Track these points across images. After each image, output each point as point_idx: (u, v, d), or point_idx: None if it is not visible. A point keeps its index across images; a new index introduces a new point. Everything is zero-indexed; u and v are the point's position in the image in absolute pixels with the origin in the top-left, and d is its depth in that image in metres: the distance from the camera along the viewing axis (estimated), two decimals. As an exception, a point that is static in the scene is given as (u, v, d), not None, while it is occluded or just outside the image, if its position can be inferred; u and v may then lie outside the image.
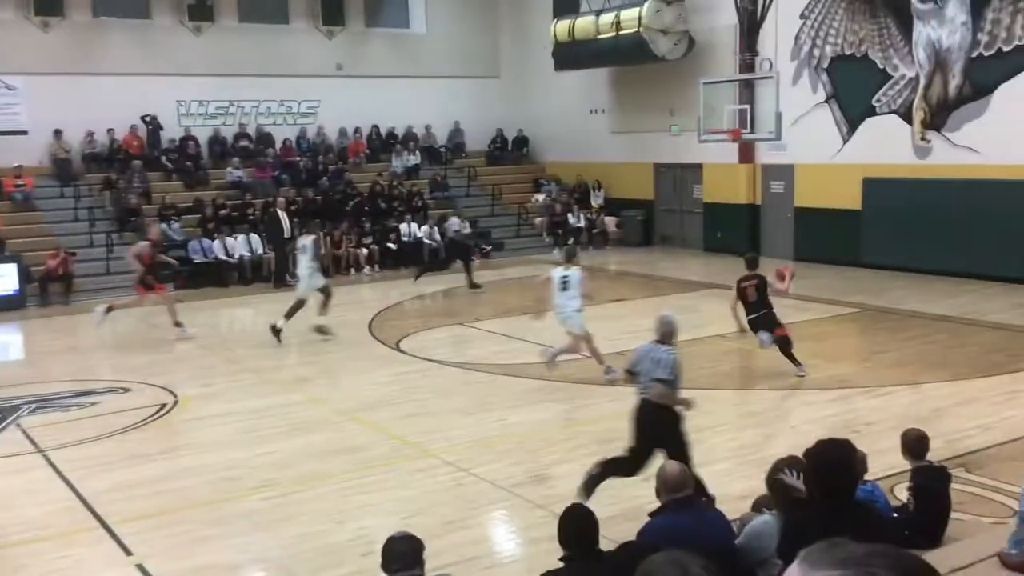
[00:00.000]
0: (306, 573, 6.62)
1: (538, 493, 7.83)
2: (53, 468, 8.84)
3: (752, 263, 11.61)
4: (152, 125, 23.22)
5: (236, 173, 23.05)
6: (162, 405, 10.98)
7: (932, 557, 4.43)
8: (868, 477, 5.81)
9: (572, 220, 24.56)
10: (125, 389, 11.78)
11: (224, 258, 20.60)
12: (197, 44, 23.48)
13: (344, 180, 24.01)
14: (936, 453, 6.81)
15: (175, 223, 20.82)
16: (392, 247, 22.23)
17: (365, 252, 21.76)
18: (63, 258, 18.74)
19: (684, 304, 15.37)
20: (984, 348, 12.63)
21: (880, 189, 18.93)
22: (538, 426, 9.85)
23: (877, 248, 19.01)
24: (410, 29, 27.01)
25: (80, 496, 8.10)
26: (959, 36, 17.54)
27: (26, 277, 18.38)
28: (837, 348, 13.34)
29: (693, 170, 23.24)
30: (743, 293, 11.34)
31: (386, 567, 4.65)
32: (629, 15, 21.92)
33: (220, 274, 20.30)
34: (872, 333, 14.24)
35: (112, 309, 15.01)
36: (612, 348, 11.63)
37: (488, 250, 22.80)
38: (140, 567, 6.75)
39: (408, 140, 26.23)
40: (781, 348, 11.26)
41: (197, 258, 20.19)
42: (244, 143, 24.09)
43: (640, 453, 6.98)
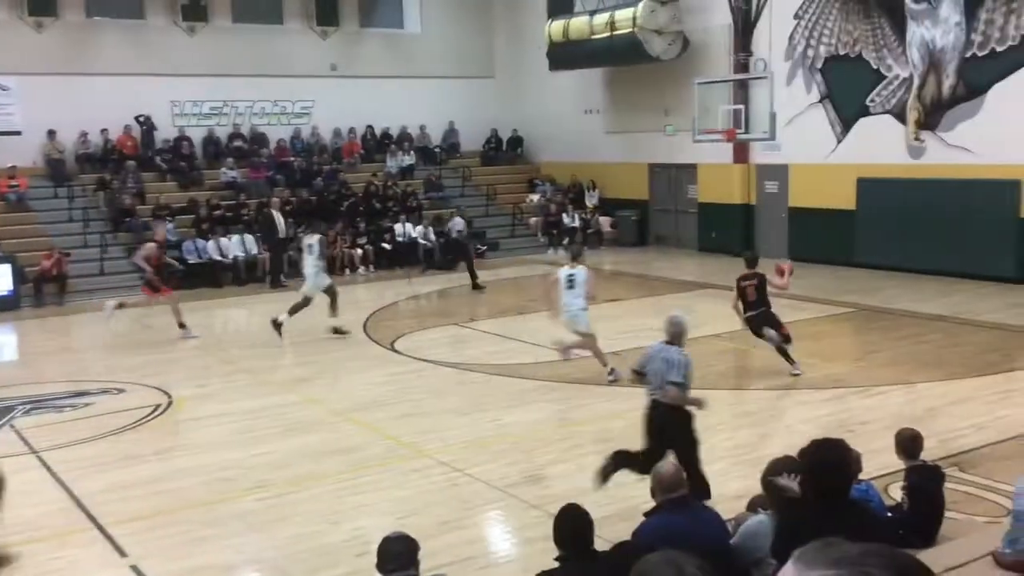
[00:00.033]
0: (301, 574, 6.62)
1: (533, 493, 7.83)
2: (47, 469, 8.83)
3: (751, 262, 11.64)
4: (146, 125, 23.19)
5: (230, 173, 23.02)
6: (156, 406, 10.97)
7: (926, 556, 4.44)
8: (862, 476, 5.82)
9: (567, 220, 24.57)
10: (119, 390, 11.77)
11: (218, 258, 20.57)
12: (191, 44, 23.46)
13: (339, 180, 23.99)
14: (930, 452, 6.83)
15: (169, 223, 20.76)
16: (387, 247, 22.24)
17: (360, 252, 21.74)
18: (57, 259, 18.70)
19: (679, 304, 15.34)
20: (978, 348, 12.66)
21: (874, 189, 18.97)
22: (533, 426, 9.85)
23: (871, 248, 19.04)
24: (404, 29, 27.00)
25: (74, 497, 8.10)
26: (953, 36, 17.58)
27: (20, 278, 18.35)
28: (831, 348, 13.36)
29: (688, 170, 23.26)
30: (743, 292, 11.36)
31: (381, 567, 4.66)
32: (623, 15, 21.93)
33: (215, 274, 20.27)
34: (866, 333, 14.27)
35: (123, 306, 15.03)
36: (608, 348, 11.65)
37: (483, 250, 22.79)
38: (135, 568, 6.74)
39: (403, 140, 26.22)
40: (778, 346, 11.30)
41: (191, 258, 20.15)
42: (238, 143, 24.08)
43: (653, 454, 6.96)
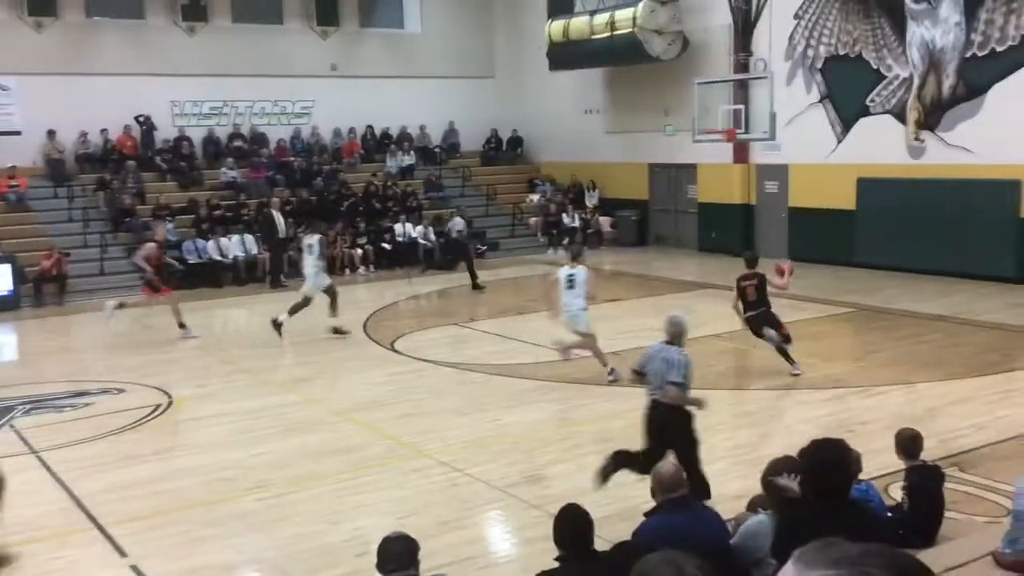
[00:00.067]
0: (301, 574, 6.62)
1: (533, 493, 7.83)
2: (47, 469, 8.83)
3: (751, 262, 11.65)
4: (146, 125, 23.19)
5: (230, 173, 23.01)
6: (156, 406, 10.96)
7: (926, 556, 4.44)
8: (862, 476, 5.82)
9: (567, 220, 24.57)
10: (119, 390, 11.77)
11: (218, 258, 20.57)
12: (191, 44, 23.45)
13: (339, 180, 23.99)
14: (930, 452, 6.83)
15: (169, 223, 20.75)
16: (387, 247, 22.24)
17: (360, 252, 21.74)
18: (57, 259, 18.70)
19: (679, 304, 15.33)
20: (978, 348, 12.65)
21: (874, 189, 18.96)
22: (533, 426, 9.85)
23: (871, 248, 19.04)
24: (404, 29, 27.00)
25: (74, 497, 8.10)
26: (953, 36, 17.58)
27: (20, 278, 18.35)
28: (831, 348, 13.36)
29: (688, 170, 23.26)
30: (743, 292, 11.37)
31: (381, 567, 4.65)
32: (623, 15, 21.93)
33: (214, 274, 20.26)
34: (866, 333, 14.26)
35: (123, 306, 15.04)
36: (608, 348, 11.64)
37: (483, 250, 22.79)
38: (134, 568, 6.74)
39: (402, 140, 26.21)
40: (777, 346, 11.29)
41: (191, 259, 20.15)
42: (238, 143, 24.07)
43: (654, 454, 6.96)
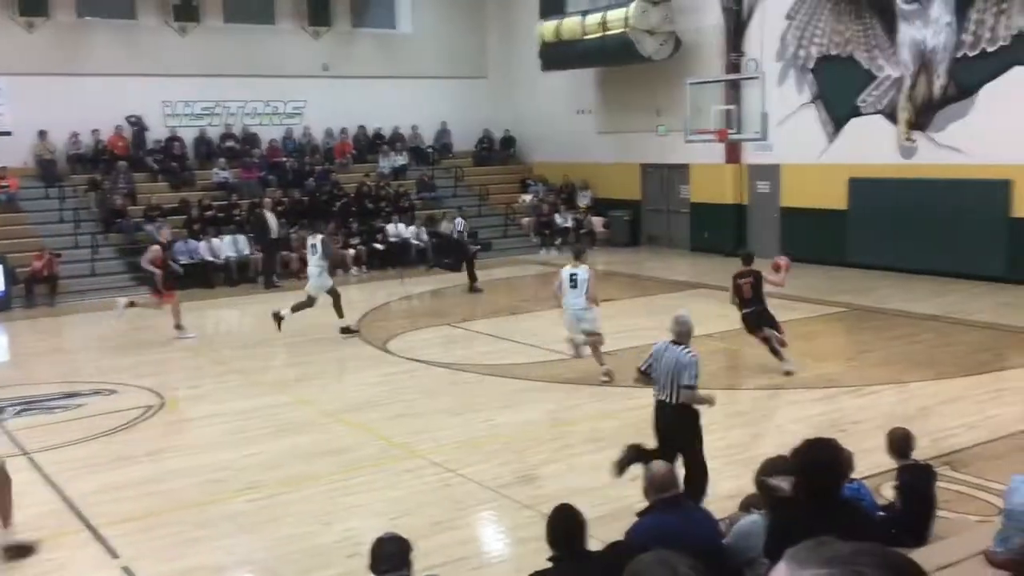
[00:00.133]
0: (293, 575, 6.60)
1: (526, 493, 7.83)
2: (39, 470, 8.80)
3: (747, 259, 11.69)
4: (137, 126, 23.12)
5: (222, 174, 22.97)
6: (148, 407, 10.93)
7: (918, 555, 4.45)
8: (854, 476, 5.82)
9: (559, 220, 24.58)
10: (111, 391, 11.73)
11: (210, 259, 20.52)
12: (182, 44, 23.39)
13: (331, 181, 23.96)
14: (922, 451, 6.85)
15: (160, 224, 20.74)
16: (379, 248, 22.22)
17: (352, 253, 21.72)
18: (48, 259, 18.64)
19: (671, 304, 15.27)
20: (969, 347, 12.69)
21: (866, 189, 19.01)
22: (525, 426, 9.84)
23: (863, 248, 19.08)
24: (396, 29, 26.96)
25: (66, 498, 8.07)
26: (943, 36, 17.63)
27: (11, 278, 18.29)
28: (823, 347, 13.38)
29: (680, 170, 23.28)
30: (739, 289, 11.41)
31: (374, 568, 4.65)
32: (615, 16, 21.95)
33: (206, 275, 20.21)
34: (858, 332, 14.29)
35: (134, 305, 15.02)
36: (602, 348, 11.60)
37: (476, 250, 22.77)
38: (126, 570, 6.72)
39: (395, 140, 26.20)
40: (771, 347, 11.31)
41: (183, 259, 20.06)
42: (230, 143, 24.01)
43: (666, 456, 6.97)
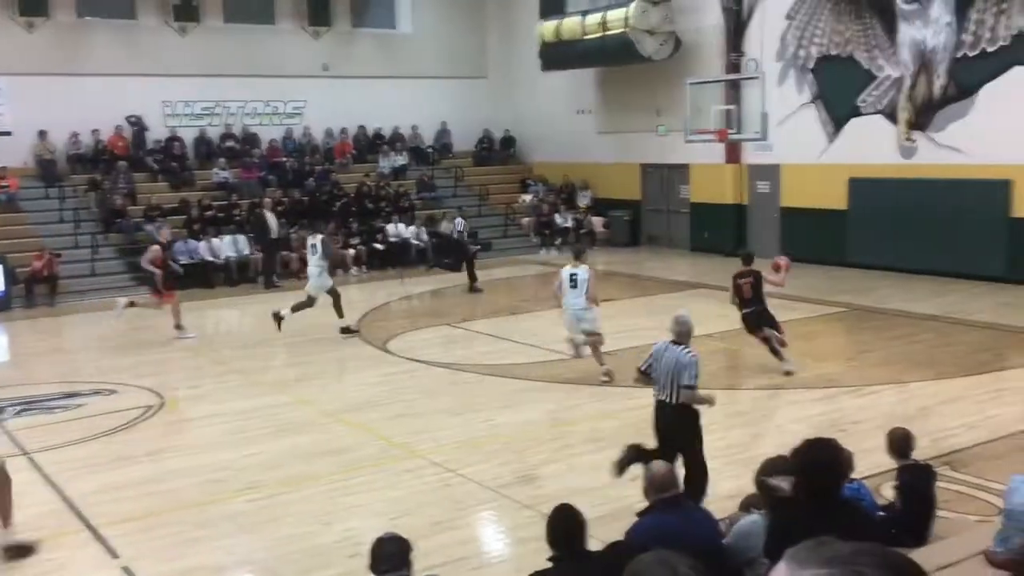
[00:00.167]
0: (293, 575, 6.60)
1: (526, 493, 7.83)
2: (39, 470, 8.80)
3: (747, 259, 11.69)
4: (137, 126, 23.12)
5: (222, 174, 22.97)
6: (148, 407, 10.93)
7: (918, 555, 4.45)
8: (854, 476, 5.82)
9: (559, 220, 24.58)
10: (111, 391, 11.73)
11: (210, 259, 20.52)
12: (182, 44, 23.38)
13: (331, 181, 23.96)
14: (922, 451, 6.85)
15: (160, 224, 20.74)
16: (379, 248, 22.22)
17: (352, 253, 21.72)
18: (48, 259, 18.64)
19: (671, 304, 15.28)
20: (969, 347, 12.69)
21: (866, 189, 19.01)
22: (525, 426, 9.84)
23: (863, 248, 19.08)
24: (397, 29, 26.96)
25: (66, 499, 8.07)
26: (943, 36, 17.63)
27: (11, 278, 18.29)
28: (823, 347, 13.37)
29: (680, 170, 23.28)
30: (739, 289, 11.41)
31: (374, 568, 4.64)
32: (615, 15, 21.94)
33: (206, 275, 20.21)
34: (858, 332, 14.28)
35: (134, 304, 15.03)
36: (602, 348, 11.61)
37: (476, 250, 22.77)
38: (126, 570, 6.72)
39: (395, 141, 26.19)
40: (771, 347, 11.31)
41: (183, 259, 20.06)
42: (230, 143, 24.00)
43: (666, 456, 6.98)
